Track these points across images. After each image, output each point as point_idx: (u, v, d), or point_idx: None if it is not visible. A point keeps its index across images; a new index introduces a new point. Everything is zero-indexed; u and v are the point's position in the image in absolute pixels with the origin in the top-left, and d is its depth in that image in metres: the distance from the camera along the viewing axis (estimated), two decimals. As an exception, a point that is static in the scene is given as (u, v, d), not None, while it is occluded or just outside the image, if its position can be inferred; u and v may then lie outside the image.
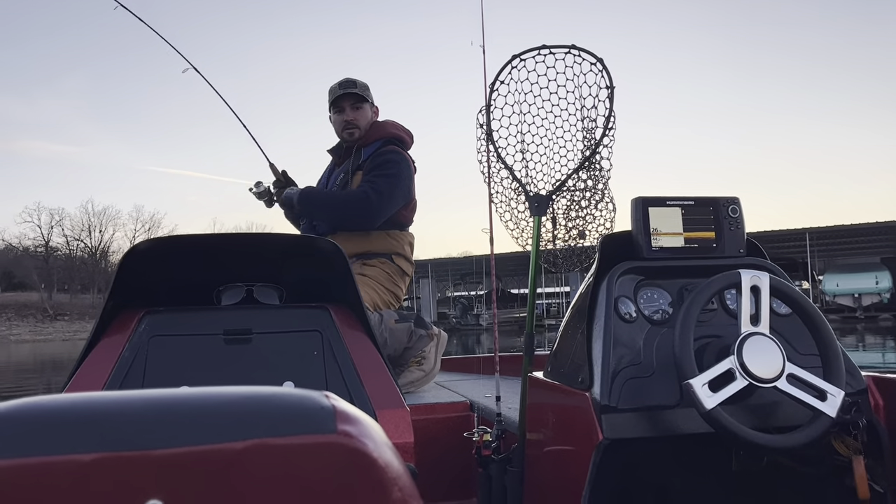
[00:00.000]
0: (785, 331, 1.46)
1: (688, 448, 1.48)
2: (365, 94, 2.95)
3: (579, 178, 1.95)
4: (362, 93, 2.93)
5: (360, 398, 1.40)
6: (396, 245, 2.92)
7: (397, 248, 2.92)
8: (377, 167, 2.84)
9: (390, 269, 2.89)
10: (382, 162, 2.85)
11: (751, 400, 1.35)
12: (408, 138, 3.03)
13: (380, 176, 2.81)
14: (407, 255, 2.97)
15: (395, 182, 2.82)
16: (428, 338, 2.76)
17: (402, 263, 2.94)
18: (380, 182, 2.80)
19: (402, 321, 2.73)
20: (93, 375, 1.37)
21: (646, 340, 1.44)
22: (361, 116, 2.93)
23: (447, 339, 2.89)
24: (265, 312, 1.56)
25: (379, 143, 2.93)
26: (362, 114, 2.93)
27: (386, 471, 0.50)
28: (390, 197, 2.81)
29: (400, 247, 2.93)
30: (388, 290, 2.87)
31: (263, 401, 0.50)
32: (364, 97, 2.94)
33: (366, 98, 2.95)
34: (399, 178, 2.84)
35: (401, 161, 2.88)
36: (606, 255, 1.55)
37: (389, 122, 3.03)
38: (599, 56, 1.88)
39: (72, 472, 0.45)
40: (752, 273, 1.37)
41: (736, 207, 1.57)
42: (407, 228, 3.00)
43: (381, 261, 2.88)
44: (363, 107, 2.94)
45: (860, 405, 1.38)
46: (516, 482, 1.75)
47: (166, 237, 1.57)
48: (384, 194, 2.79)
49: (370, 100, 2.97)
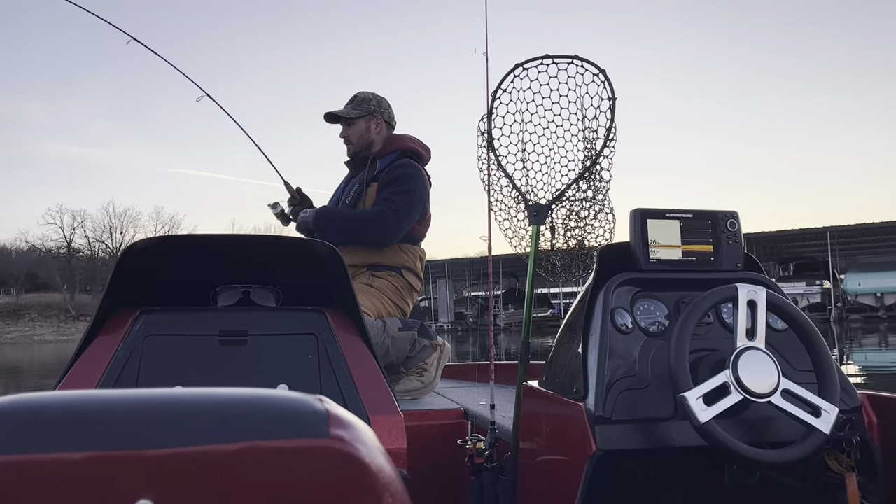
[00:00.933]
0: (780, 346, 1.46)
1: (681, 461, 1.47)
2: (350, 111, 2.99)
3: (579, 188, 1.95)
4: (344, 113, 2.99)
5: (353, 403, 1.39)
6: (407, 259, 2.93)
7: (407, 263, 2.93)
8: (393, 181, 2.87)
9: (399, 282, 2.90)
10: (398, 176, 2.87)
11: (745, 414, 1.35)
12: (424, 153, 3.05)
13: (396, 192, 2.83)
14: (416, 270, 2.98)
15: (411, 198, 2.84)
16: (431, 348, 2.75)
17: (411, 278, 2.94)
18: (396, 199, 2.82)
19: (405, 329, 2.73)
20: (86, 374, 1.37)
21: (641, 352, 1.44)
22: (353, 132, 2.99)
23: (451, 351, 2.88)
24: (261, 314, 1.55)
25: (394, 155, 2.96)
26: (354, 129, 2.99)
27: (378, 476, 0.49)
28: (408, 214, 2.83)
29: (410, 262, 2.94)
30: (395, 303, 2.87)
31: (256, 403, 0.50)
32: (347, 115, 2.98)
33: (351, 115, 2.98)
34: (414, 193, 2.86)
35: (416, 175, 2.91)
36: (604, 265, 1.55)
37: (408, 137, 3.06)
38: (602, 67, 1.88)
39: (61, 471, 0.45)
40: (749, 287, 1.37)
41: (734, 221, 1.58)
42: (419, 243, 3.02)
43: (391, 274, 2.88)
44: (356, 122, 2.98)
45: (854, 422, 1.38)
46: (508, 491, 1.74)
47: (164, 237, 1.57)
48: (401, 212, 2.81)
49: (366, 113, 2.99)
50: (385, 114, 3.04)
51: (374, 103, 3.02)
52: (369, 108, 3.00)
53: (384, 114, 3.04)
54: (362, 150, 2.99)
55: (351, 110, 3.00)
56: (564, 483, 1.40)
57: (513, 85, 1.99)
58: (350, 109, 3.00)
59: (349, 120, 3.00)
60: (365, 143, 2.99)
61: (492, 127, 2.02)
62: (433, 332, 2.84)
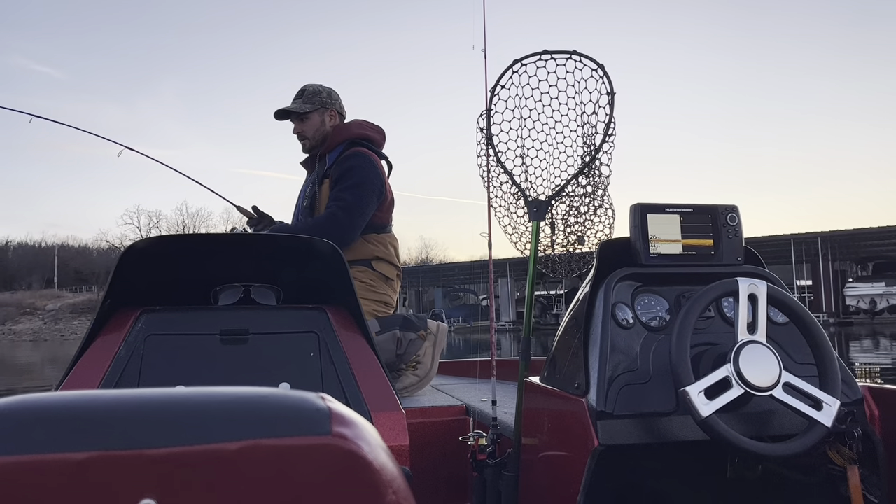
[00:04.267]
0: (781, 340, 1.46)
1: (683, 455, 1.48)
2: (303, 106, 2.88)
3: (579, 183, 1.95)
4: (296, 108, 2.88)
5: (355, 400, 1.39)
6: (376, 249, 2.84)
7: (377, 253, 2.84)
8: (341, 177, 2.76)
9: (370, 276, 2.80)
10: (345, 171, 2.77)
11: (747, 408, 1.35)
12: (376, 136, 2.93)
13: (345, 189, 2.74)
14: (389, 258, 2.88)
15: (361, 191, 2.74)
16: (420, 339, 2.64)
17: (383, 268, 2.85)
18: (346, 196, 2.72)
19: (384, 331, 2.58)
20: (88, 374, 1.37)
21: (642, 347, 1.44)
22: (308, 127, 2.89)
23: (447, 330, 2.77)
24: (262, 313, 1.55)
25: (342, 146, 2.85)
26: (309, 124, 2.89)
27: (380, 474, 0.49)
28: (360, 209, 2.73)
29: (380, 251, 2.85)
30: (371, 298, 2.77)
31: (259, 401, 0.50)
32: (300, 110, 2.87)
33: (304, 110, 2.88)
34: (364, 185, 2.75)
35: (364, 165, 2.78)
36: (604, 260, 1.55)
37: (355, 123, 2.95)
38: (601, 62, 1.88)
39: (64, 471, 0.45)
40: (750, 281, 1.37)
41: (734, 216, 1.58)
42: (386, 229, 2.90)
43: (360, 269, 2.79)
44: (310, 116, 2.89)
45: (856, 415, 1.38)
46: (511, 487, 1.74)
47: (165, 236, 1.57)
48: (353, 208, 2.71)
49: (319, 106, 2.89)
50: (337, 104, 2.94)
51: (324, 95, 2.91)
52: (321, 100, 2.90)
53: (336, 105, 2.93)
54: (318, 144, 2.90)
55: (303, 104, 2.88)
56: (567, 478, 1.40)
57: (511, 81, 1.98)
58: (302, 104, 2.89)
59: (302, 115, 2.88)
60: (321, 137, 2.89)
61: (491, 123, 2.02)
62: (422, 322, 2.71)
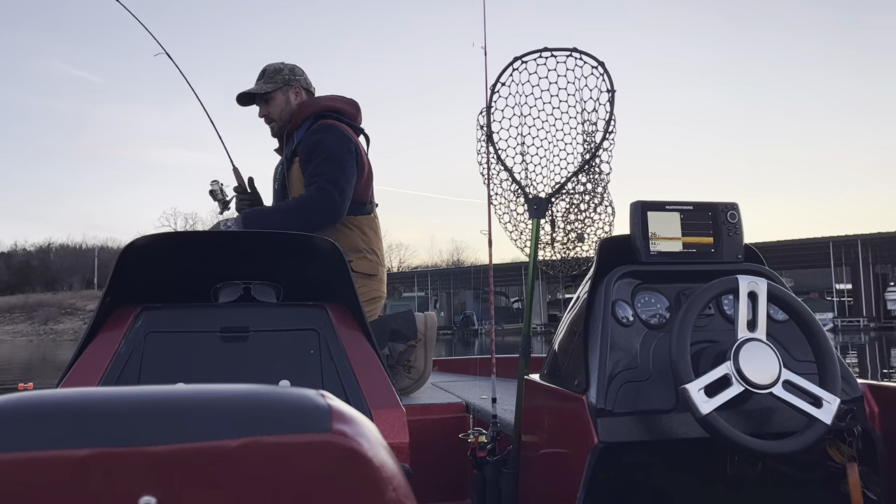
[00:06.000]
0: (781, 337, 1.46)
1: (683, 453, 1.48)
2: (265, 87, 2.73)
3: (579, 181, 1.95)
4: (258, 89, 2.72)
5: (356, 398, 1.40)
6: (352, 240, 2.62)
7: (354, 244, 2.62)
8: (311, 153, 2.56)
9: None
10: (314, 145, 2.56)
11: (746, 405, 1.35)
12: (347, 107, 2.74)
13: (320, 164, 2.52)
14: (368, 246, 2.65)
15: (338, 162, 2.53)
16: (411, 348, 2.57)
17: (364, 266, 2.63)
18: (324, 169, 2.50)
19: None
20: (88, 371, 1.37)
21: (642, 344, 1.44)
22: (273, 108, 2.74)
23: (435, 322, 2.69)
24: (262, 310, 1.55)
25: (309, 121, 2.67)
26: (274, 105, 2.73)
27: (381, 471, 0.50)
28: (344, 178, 2.53)
29: (357, 241, 2.63)
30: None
31: (259, 399, 0.50)
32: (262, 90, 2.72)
33: (266, 90, 2.72)
34: (339, 155, 2.54)
35: (333, 136, 2.58)
36: (604, 258, 1.55)
37: (324, 97, 2.79)
38: (601, 60, 1.88)
39: (65, 468, 0.45)
40: (750, 279, 1.37)
41: (734, 213, 1.58)
42: (366, 208, 2.69)
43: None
44: (273, 96, 2.73)
45: (855, 412, 1.38)
46: (511, 484, 1.75)
47: (164, 234, 1.57)
48: (337, 179, 2.50)
49: (281, 84, 2.73)
50: (301, 80, 2.79)
51: (286, 72, 2.76)
52: (283, 78, 2.75)
53: (300, 81, 2.78)
54: (286, 124, 2.73)
55: (264, 85, 2.74)
56: (567, 475, 1.40)
57: (512, 78, 1.98)
58: (263, 85, 2.74)
59: (265, 96, 2.73)
60: (287, 117, 2.73)
61: (491, 120, 2.02)
62: (410, 327, 2.59)
